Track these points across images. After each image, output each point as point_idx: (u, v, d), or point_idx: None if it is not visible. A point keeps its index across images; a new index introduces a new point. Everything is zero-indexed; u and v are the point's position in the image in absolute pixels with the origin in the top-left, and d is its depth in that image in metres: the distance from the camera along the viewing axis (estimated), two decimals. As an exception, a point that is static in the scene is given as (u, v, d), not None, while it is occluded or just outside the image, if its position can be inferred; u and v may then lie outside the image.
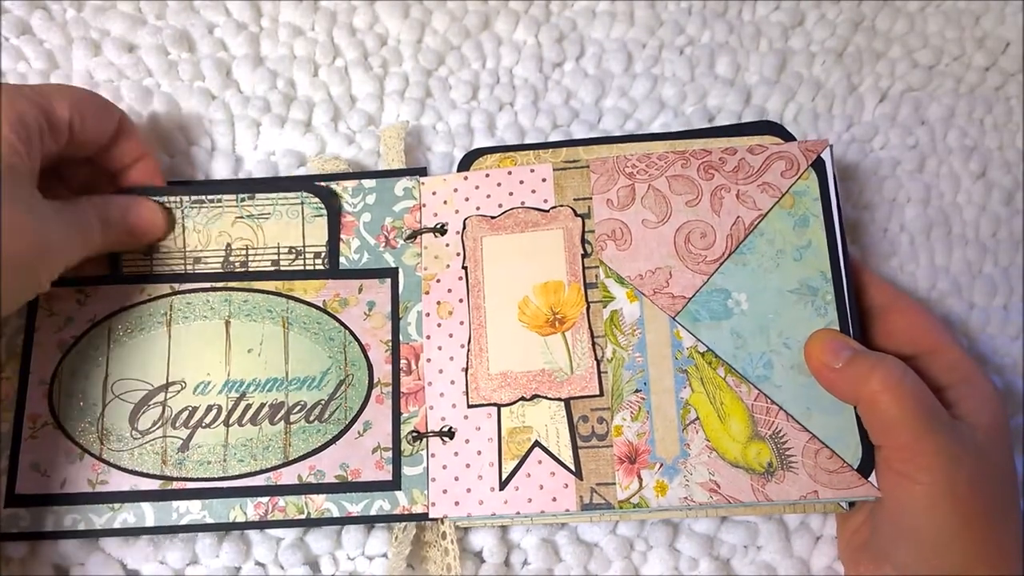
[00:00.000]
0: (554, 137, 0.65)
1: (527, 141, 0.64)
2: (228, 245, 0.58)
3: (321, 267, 0.58)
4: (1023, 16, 0.69)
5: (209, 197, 0.59)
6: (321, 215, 0.59)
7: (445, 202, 0.59)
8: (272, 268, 0.58)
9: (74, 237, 0.51)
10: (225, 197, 0.59)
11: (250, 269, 0.58)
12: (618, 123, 0.65)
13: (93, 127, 0.54)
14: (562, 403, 0.54)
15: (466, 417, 0.55)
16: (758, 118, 0.65)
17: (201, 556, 0.55)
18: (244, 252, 0.58)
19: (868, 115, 0.67)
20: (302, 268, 0.58)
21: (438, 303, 0.57)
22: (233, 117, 0.64)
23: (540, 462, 0.54)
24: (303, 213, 0.59)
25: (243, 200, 0.59)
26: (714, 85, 0.67)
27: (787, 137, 0.58)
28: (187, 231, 0.58)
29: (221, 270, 0.58)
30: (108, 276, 0.57)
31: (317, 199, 0.59)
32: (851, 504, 0.54)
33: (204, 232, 0.58)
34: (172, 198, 0.58)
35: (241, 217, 0.59)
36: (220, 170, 0.62)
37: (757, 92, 0.67)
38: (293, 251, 0.58)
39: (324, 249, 0.59)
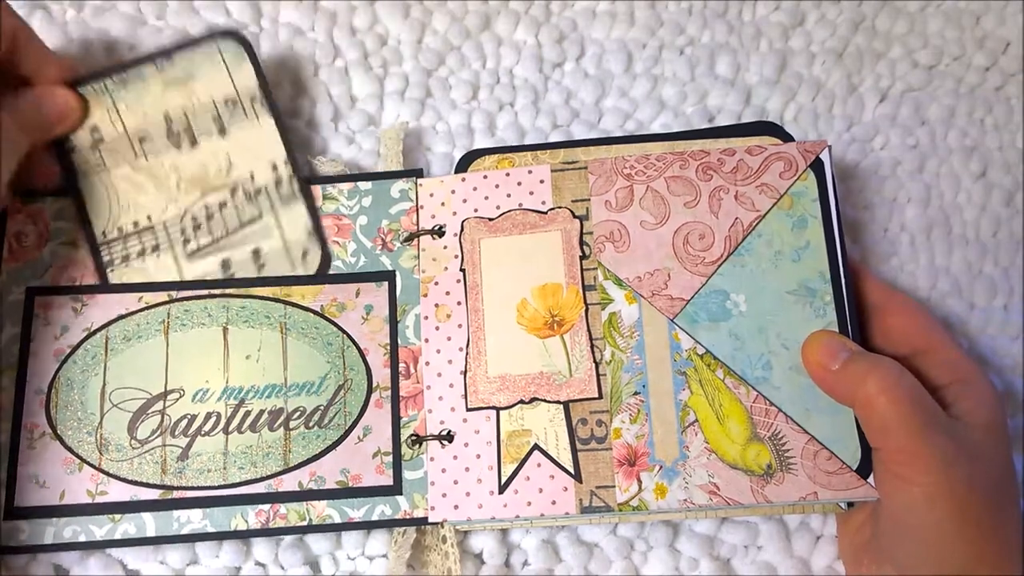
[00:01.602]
0: (554, 137, 0.65)
1: (527, 141, 0.64)
2: (166, 114, 0.59)
3: (263, 109, 0.59)
4: (1023, 16, 0.69)
5: (130, 72, 0.59)
6: (243, 58, 0.59)
7: (442, 204, 0.59)
8: (216, 127, 0.59)
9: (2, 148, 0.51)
10: (145, 68, 0.59)
11: (196, 133, 0.59)
12: (618, 123, 0.65)
13: None
14: (561, 406, 0.54)
15: (465, 420, 0.55)
16: (758, 118, 0.65)
17: (201, 556, 0.55)
18: (184, 117, 0.59)
19: (868, 115, 0.67)
20: (244, 117, 0.59)
21: (436, 306, 0.57)
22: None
23: (539, 465, 0.54)
24: (225, 60, 0.59)
25: (163, 65, 0.59)
26: (714, 85, 0.66)
27: (786, 138, 0.58)
28: (123, 113, 0.59)
29: (168, 142, 0.59)
30: (106, 286, 0.57)
31: (232, 40, 0.60)
32: (850, 504, 0.54)
33: (139, 109, 0.59)
34: (96, 84, 0.59)
35: (168, 83, 0.59)
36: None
37: (757, 92, 0.66)
38: (229, 102, 0.59)
39: (258, 92, 0.59)
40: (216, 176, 0.59)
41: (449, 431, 0.55)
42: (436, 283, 0.57)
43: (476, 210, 0.58)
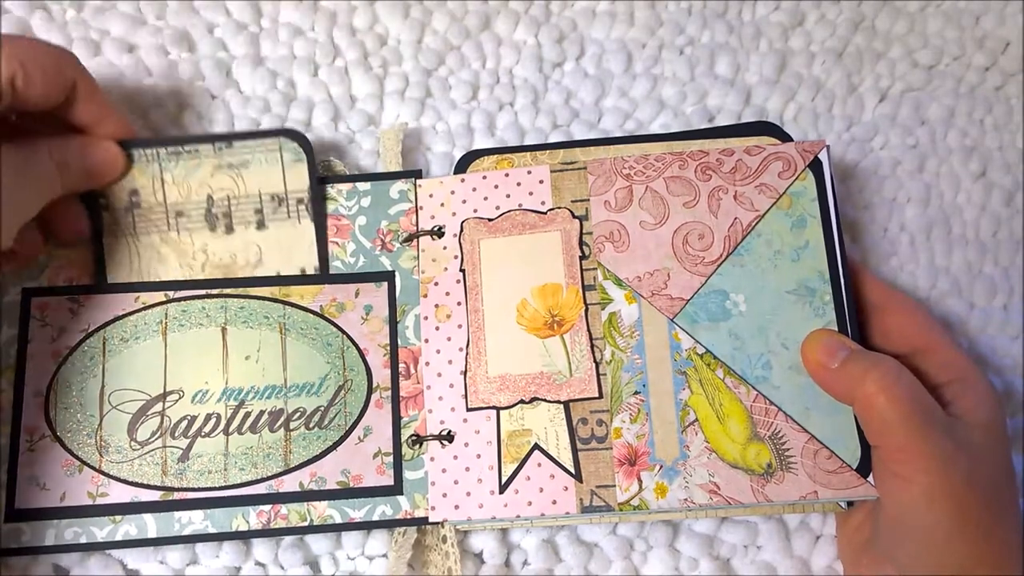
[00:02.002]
0: (554, 137, 0.65)
1: (527, 141, 0.64)
2: (209, 196, 0.58)
3: (305, 214, 0.58)
4: (1023, 16, 0.69)
5: (186, 148, 0.58)
6: (300, 160, 0.59)
7: (442, 204, 0.59)
8: (255, 218, 0.58)
9: (30, 185, 0.51)
10: (203, 147, 0.58)
11: (234, 219, 0.58)
12: (618, 123, 0.65)
13: (41, 86, 0.51)
14: (561, 406, 0.55)
15: (465, 420, 0.55)
16: (758, 118, 0.65)
17: (201, 556, 0.55)
18: (226, 202, 0.58)
19: (868, 115, 0.67)
20: (286, 217, 0.58)
21: (436, 306, 0.57)
22: (233, 117, 0.64)
23: (540, 465, 0.54)
24: (282, 159, 0.59)
25: (221, 149, 0.58)
26: (714, 85, 0.66)
27: (784, 138, 0.58)
28: (167, 184, 0.58)
29: (204, 223, 0.58)
30: (101, 285, 0.57)
31: (295, 143, 0.59)
32: (849, 503, 0.54)
33: (184, 184, 0.58)
34: (148, 151, 0.58)
35: (220, 166, 0.58)
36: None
37: (757, 92, 0.66)
38: (275, 198, 0.58)
39: (306, 195, 0.58)
40: (243, 268, 0.58)
41: (449, 431, 0.55)
42: (436, 283, 0.57)
43: (475, 211, 0.58)
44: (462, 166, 0.60)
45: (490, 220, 0.58)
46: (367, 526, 0.54)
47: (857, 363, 0.50)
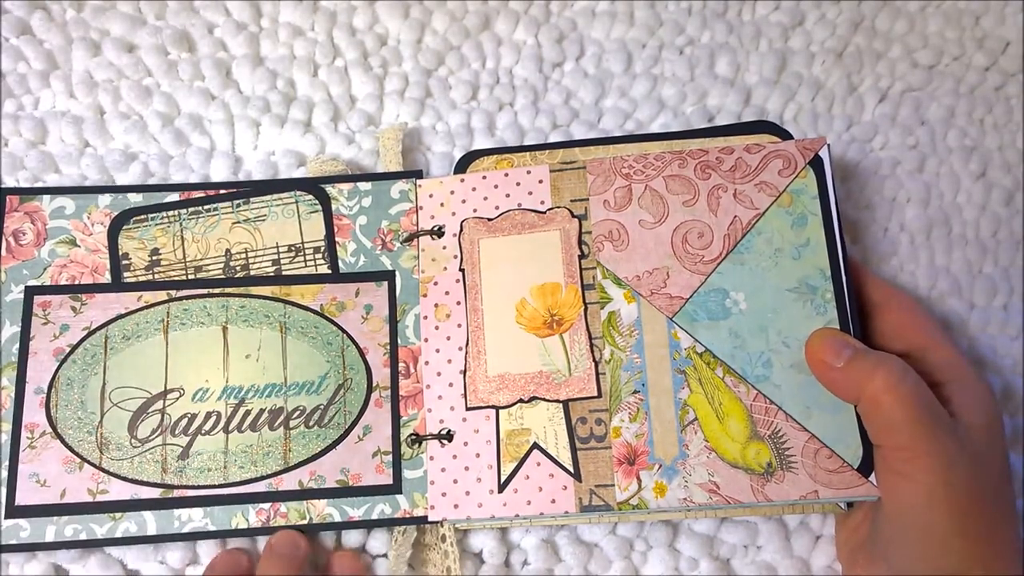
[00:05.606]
0: (554, 137, 0.65)
1: (527, 141, 0.64)
2: (228, 251, 0.59)
3: (322, 261, 0.58)
4: (1023, 16, 0.69)
5: (206, 207, 0.59)
6: (316, 211, 0.59)
7: (442, 204, 0.59)
8: (272, 268, 0.58)
9: None
10: (221, 205, 0.59)
11: (251, 272, 0.58)
12: (618, 123, 0.65)
13: None
14: (560, 405, 0.54)
15: (464, 419, 0.55)
16: (758, 118, 0.65)
17: (202, 556, 0.55)
18: (244, 255, 0.59)
19: (868, 115, 0.67)
20: (303, 265, 0.58)
21: (436, 305, 0.57)
22: (233, 117, 0.64)
23: (539, 464, 0.54)
24: (298, 211, 0.59)
25: (239, 206, 0.59)
26: (714, 85, 0.67)
27: (784, 136, 0.58)
28: (186, 241, 0.59)
29: (223, 275, 0.58)
30: (105, 284, 0.57)
31: (311, 196, 0.59)
32: (849, 505, 0.54)
33: (203, 241, 0.59)
34: (170, 213, 0.59)
35: (238, 222, 0.59)
36: (219, 170, 0.62)
37: (757, 92, 0.66)
38: (292, 249, 0.59)
39: (323, 243, 0.59)
40: None
41: (449, 430, 0.55)
42: (435, 283, 0.57)
43: (475, 210, 0.58)
44: (462, 166, 0.60)
45: (489, 220, 0.58)
46: (366, 525, 0.54)
47: (863, 362, 0.50)
